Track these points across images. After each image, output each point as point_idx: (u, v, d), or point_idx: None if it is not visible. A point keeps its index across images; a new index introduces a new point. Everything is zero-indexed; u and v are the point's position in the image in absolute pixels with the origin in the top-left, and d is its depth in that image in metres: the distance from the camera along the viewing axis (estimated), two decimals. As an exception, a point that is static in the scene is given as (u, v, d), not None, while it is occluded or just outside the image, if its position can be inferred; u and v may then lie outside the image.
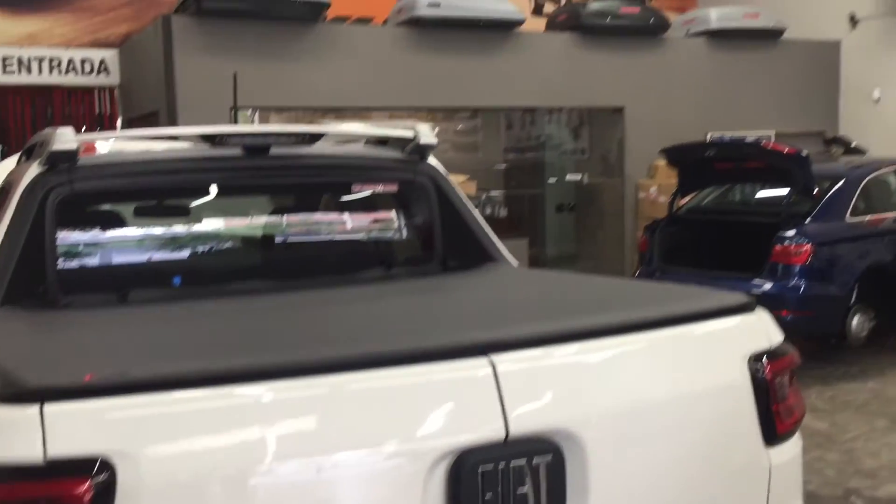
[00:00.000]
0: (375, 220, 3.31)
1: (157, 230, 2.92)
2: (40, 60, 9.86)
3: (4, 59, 9.64)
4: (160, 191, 2.86)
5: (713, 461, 1.88)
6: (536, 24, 11.34)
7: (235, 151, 2.80)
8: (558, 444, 1.66)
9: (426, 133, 3.06)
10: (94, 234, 2.83)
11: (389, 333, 1.90)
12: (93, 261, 2.81)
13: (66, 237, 2.66)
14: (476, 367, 1.63)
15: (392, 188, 3.12)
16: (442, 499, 1.56)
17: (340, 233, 3.22)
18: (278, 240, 3.14)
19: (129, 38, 9.97)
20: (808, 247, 6.54)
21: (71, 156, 2.53)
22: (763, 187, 7.68)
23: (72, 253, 2.71)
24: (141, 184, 2.74)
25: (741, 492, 1.94)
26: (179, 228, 2.97)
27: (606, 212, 10.85)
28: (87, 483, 1.34)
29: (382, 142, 3.24)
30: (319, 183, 3.06)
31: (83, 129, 10.18)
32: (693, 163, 7.51)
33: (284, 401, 1.51)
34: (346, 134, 3.28)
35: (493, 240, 3.13)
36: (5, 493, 1.33)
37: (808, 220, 6.78)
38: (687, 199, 8.03)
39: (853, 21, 11.25)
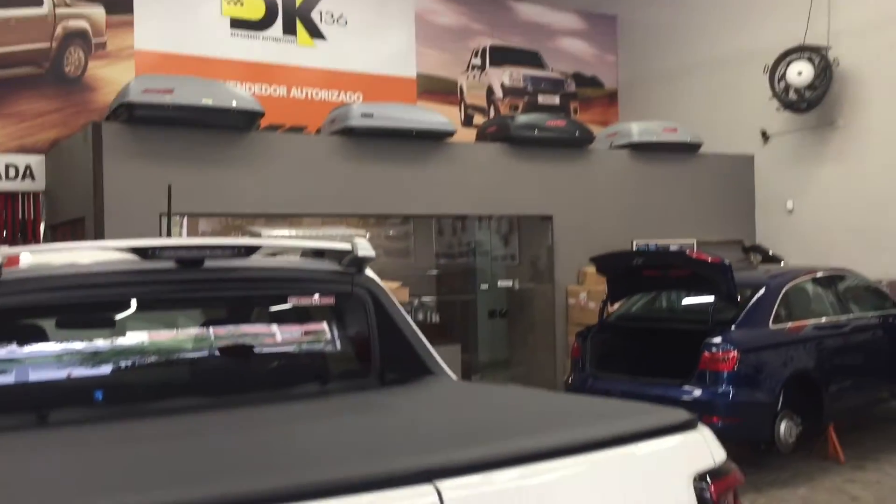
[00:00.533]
0: (311, 333, 3.25)
1: (82, 346, 2.80)
2: (-42, 165, 9.64)
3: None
4: (86, 306, 2.76)
5: None
6: (467, 135, 11.65)
7: (168, 264, 2.74)
8: None
9: (364, 246, 3.05)
10: (13, 350, 2.70)
11: (331, 459, 1.84)
12: (10, 378, 2.67)
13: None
14: (422, 495, 1.58)
15: (329, 300, 3.09)
16: None
17: (274, 346, 3.15)
18: (210, 354, 3.05)
19: (57, 143, 9.86)
20: (734, 353, 6.68)
21: None
22: (689, 295, 7.87)
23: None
24: (65, 299, 2.64)
25: None
26: (106, 344, 2.86)
27: (537, 318, 10.94)
28: None
29: (320, 254, 3.22)
30: (254, 296, 3.01)
31: (3, 234, 9.91)
32: (621, 271, 7.68)
33: None
34: (282, 247, 3.25)
35: (431, 352, 3.11)
36: None
37: (733, 326, 6.94)
38: (616, 305, 8.17)
39: (765, 136, 11.87)
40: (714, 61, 12.49)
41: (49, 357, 2.76)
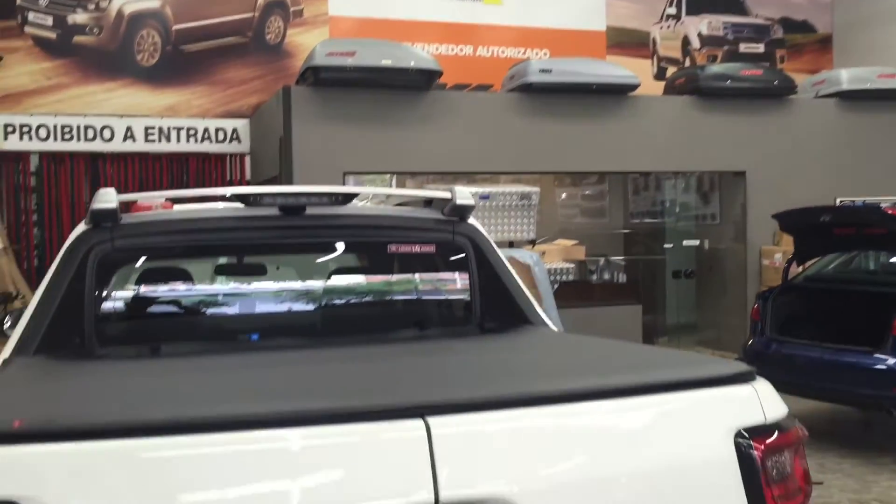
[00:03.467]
0: (411, 280, 3.31)
1: (194, 287, 3.03)
2: (178, 130, 10.59)
3: (147, 129, 10.41)
4: (198, 249, 2.98)
5: None
6: (659, 90, 11.20)
7: (272, 211, 2.89)
8: None
9: (463, 194, 3.05)
10: (133, 290, 2.97)
11: (342, 392, 1.88)
12: (130, 315, 2.95)
13: (106, 292, 2.81)
14: (409, 430, 1.59)
15: (429, 248, 3.12)
16: None
17: (374, 292, 3.24)
18: (312, 299, 3.19)
19: (259, 108, 10.57)
20: (934, 321, 6.02)
21: (111, 214, 2.68)
22: (886, 255, 7.17)
23: (110, 307, 2.86)
24: (179, 242, 2.87)
25: None
26: (214, 286, 3.08)
27: (728, 279, 10.42)
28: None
29: (428, 203, 3.26)
30: (355, 243, 3.11)
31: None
32: (809, 229, 7.12)
33: (200, 455, 1.51)
34: (381, 194, 3.32)
35: (531, 302, 3.07)
36: None
37: (935, 290, 6.26)
38: (806, 265, 7.60)
39: None
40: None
41: (161, 295, 3.02)
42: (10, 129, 9.85)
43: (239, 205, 2.93)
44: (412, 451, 1.57)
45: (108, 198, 2.67)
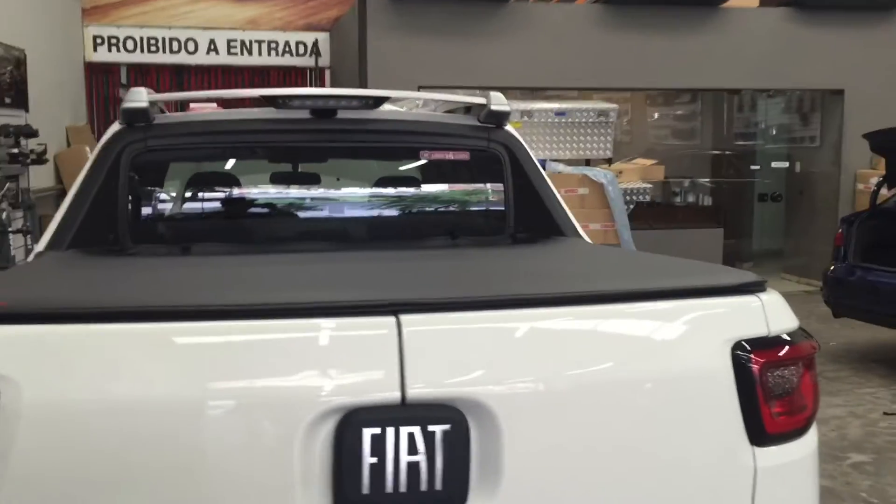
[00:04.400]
0: (445, 188, 3.25)
1: (225, 188, 3.05)
2: (260, 43, 10.65)
3: (229, 42, 10.51)
4: (229, 150, 2.98)
5: (671, 452, 1.66)
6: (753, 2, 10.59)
7: (303, 114, 2.86)
8: (463, 414, 1.55)
9: (498, 100, 2.95)
10: (166, 189, 3.01)
11: (327, 287, 1.87)
12: (162, 214, 3.00)
13: (139, 190, 2.85)
14: (379, 326, 1.56)
15: (463, 155, 3.05)
16: (324, 456, 1.51)
17: (407, 200, 3.19)
18: (342, 204, 3.17)
19: (338, 21, 10.50)
20: None
21: (142, 114, 2.71)
22: None
23: (143, 206, 2.91)
24: (210, 142, 2.87)
25: (709, 491, 1.71)
26: (245, 187, 3.09)
27: (819, 204, 9.96)
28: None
29: (467, 109, 3.17)
30: (388, 148, 3.05)
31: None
32: (903, 149, 6.69)
33: (173, 342, 1.52)
34: (414, 98, 3.24)
35: (565, 213, 2.97)
36: None
37: None
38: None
39: None
40: None
41: (195, 196, 3.05)
42: (98, 40, 10.09)
43: (258, 110, 2.92)
44: (381, 349, 1.54)
45: (138, 97, 2.69)
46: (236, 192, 3.05)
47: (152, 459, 1.49)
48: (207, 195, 3.06)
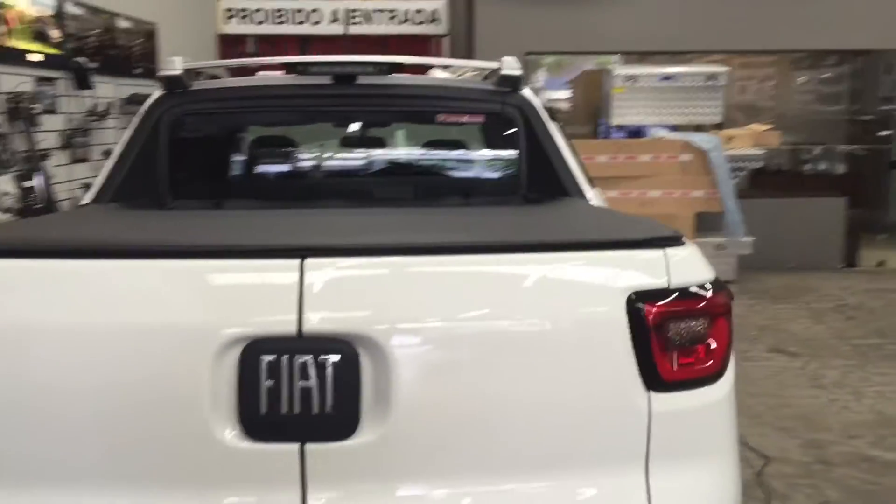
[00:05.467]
0: (460, 150, 3.37)
1: (255, 149, 3.31)
2: (380, 12, 10.95)
3: (351, 13, 10.88)
4: (254, 114, 3.24)
5: (564, 392, 1.77)
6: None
7: (325, 80, 3.08)
8: (354, 348, 1.72)
9: (510, 64, 3.05)
10: (201, 150, 3.31)
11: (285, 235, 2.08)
12: (198, 173, 3.30)
13: (177, 151, 3.16)
14: (285, 268, 1.75)
15: (478, 119, 3.17)
16: (230, 381, 1.73)
17: (422, 161, 3.34)
18: (358, 165, 3.37)
19: (455, -12, 10.64)
20: None
21: (178, 81, 3.00)
22: None
23: (181, 165, 3.22)
24: (242, 107, 3.14)
25: (604, 430, 1.80)
26: (273, 148, 3.34)
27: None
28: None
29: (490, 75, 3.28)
30: (406, 111, 3.22)
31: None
32: None
33: (112, 276, 1.77)
34: (430, 64, 3.36)
35: (573, 174, 3.05)
36: None
37: None
38: None
39: None
40: None
41: (229, 157, 3.34)
42: (230, 13, 10.70)
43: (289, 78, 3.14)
44: (285, 288, 1.74)
45: (174, 65, 2.98)
46: (263, 152, 3.32)
47: (95, 375, 1.75)
48: (238, 156, 3.34)
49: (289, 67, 3.07)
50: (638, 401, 1.81)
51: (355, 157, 3.44)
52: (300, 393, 1.72)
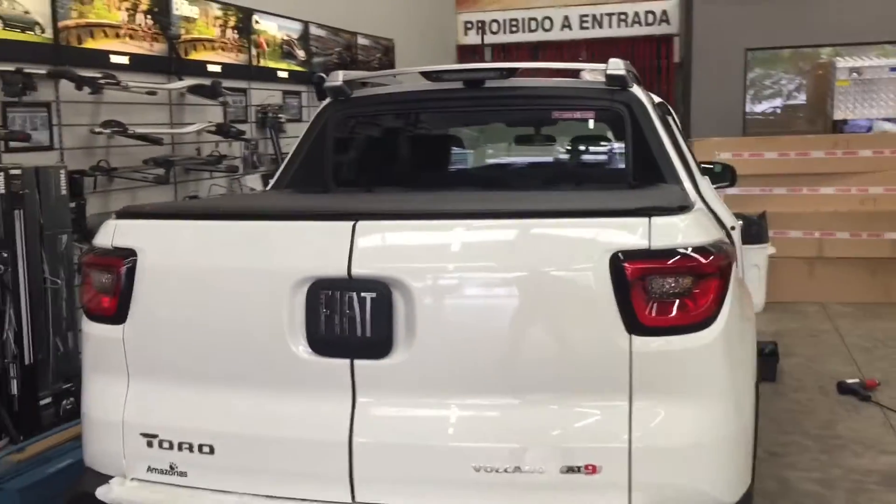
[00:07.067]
0: (576, 143, 3.75)
1: (402, 145, 3.92)
2: (610, 16, 11.28)
3: (581, 17, 11.32)
4: (403, 116, 3.86)
5: (558, 332, 2.22)
6: None
7: (457, 85, 3.64)
8: (389, 288, 2.25)
9: (615, 65, 3.40)
10: (359, 147, 3.98)
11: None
12: (358, 165, 3.97)
13: (340, 147, 3.86)
14: (340, 228, 2.33)
15: (590, 115, 3.57)
16: (301, 309, 2.32)
17: (542, 152, 3.76)
18: (488, 159, 3.87)
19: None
20: None
21: (339, 90, 3.70)
22: None
23: (343, 158, 3.90)
24: (391, 111, 3.79)
25: (590, 364, 2.19)
26: (416, 143, 3.93)
27: None
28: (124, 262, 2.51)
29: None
30: (527, 110, 3.68)
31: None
32: None
33: (230, 234, 2.46)
34: (545, 67, 3.74)
35: (671, 162, 3.34)
36: None
37: None
38: None
39: None
40: None
41: (384, 152, 3.99)
42: (468, 25, 11.58)
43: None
44: (340, 243, 2.32)
45: (336, 77, 3.69)
46: (408, 147, 3.94)
47: (230, 304, 2.44)
48: (389, 150, 3.99)
49: (426, 75, 3.66)
50: (620, 341, 2.19)
51: (487, 151, 3.98)
52: (349, 320, 2.30)
